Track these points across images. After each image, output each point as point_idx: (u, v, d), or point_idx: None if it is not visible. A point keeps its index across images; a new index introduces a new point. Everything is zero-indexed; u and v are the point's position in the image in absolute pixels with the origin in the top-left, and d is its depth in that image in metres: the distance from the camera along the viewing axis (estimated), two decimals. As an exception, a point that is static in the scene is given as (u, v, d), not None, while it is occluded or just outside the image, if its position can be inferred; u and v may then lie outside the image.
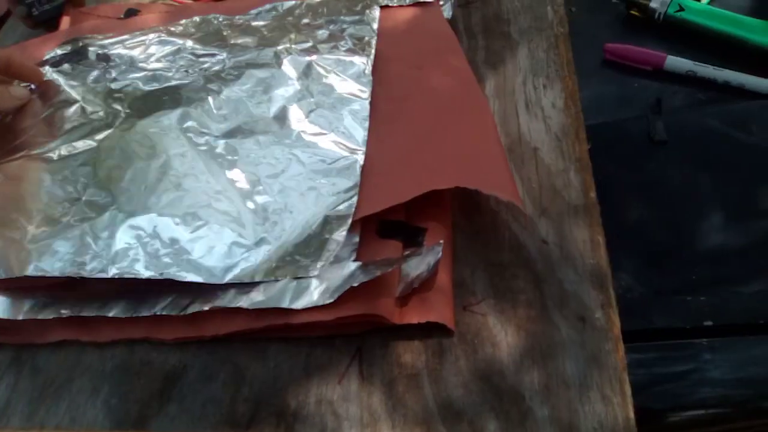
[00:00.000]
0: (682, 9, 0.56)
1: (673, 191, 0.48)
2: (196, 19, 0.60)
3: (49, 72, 0.55)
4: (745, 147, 0.49)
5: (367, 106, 0.48)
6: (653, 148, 0.50)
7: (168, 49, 0.57)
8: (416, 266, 0.39)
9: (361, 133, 0.46)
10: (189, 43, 0.57)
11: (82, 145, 0.48)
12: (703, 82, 0.53)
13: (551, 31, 0.55)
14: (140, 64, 0.55)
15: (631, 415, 0.33)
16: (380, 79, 0.51)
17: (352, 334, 0.38)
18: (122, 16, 0.65)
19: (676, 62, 0.53)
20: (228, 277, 0.40)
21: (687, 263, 0.44)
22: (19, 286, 0.42)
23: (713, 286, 0.43)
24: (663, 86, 0.54)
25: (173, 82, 0.53)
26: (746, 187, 0.48)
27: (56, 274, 0.40)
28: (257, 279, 0.39)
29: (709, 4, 0.57)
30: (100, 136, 0.49)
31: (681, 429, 0.41)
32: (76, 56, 0.58)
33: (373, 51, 0.52)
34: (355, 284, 0.37)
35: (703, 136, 0.50)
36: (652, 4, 0.57)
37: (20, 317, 0.40)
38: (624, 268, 0.45)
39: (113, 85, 0.53)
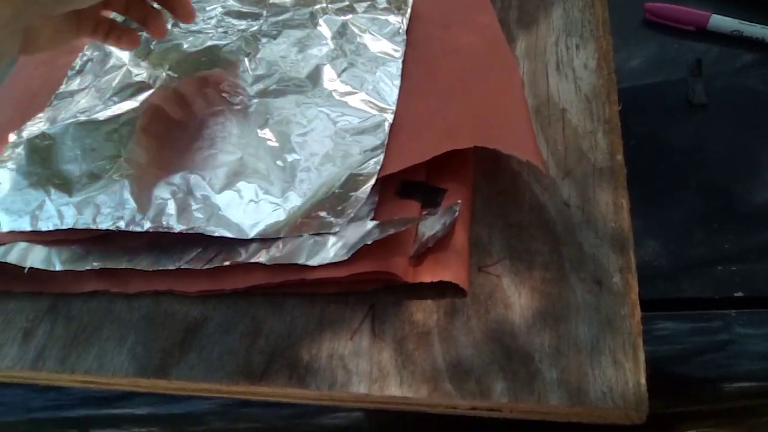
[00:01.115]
0: (731, -36, 0.53)
1: (710, 157, 0.46)
2: None
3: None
4: (792, 111, 0.47)
5: (400, 66, 0.48)
6: (692, 111, 0.48)
7: (208, 9, 0.57)
8: (432, 226, 0.38)
9: (391, 93, 0.46)
10: (229, 2, 0.58)
11: (125, 105, 0.50)
12: (749, 42, 0.50)
13: (588, -11, 0.52)
14: (182, 25, 0.56)
15: (643, 381, 0.32)
16: (411, 39, 0.50)
17: (366, 292, 0.38)
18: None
19: (721, 21, 0.50)
20: (254, 233, 0.41)
21: (720, 232, 0.43)
22: (57, 239, 0.44)
23: (745, 257, 0.41)
24: (707, 47, 0.51)
25: (212, 43, 0.54)
26: (789, 154, 0.45)
27: (97, 227, 0.42)
28: (281, 235, 0.40)
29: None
30: (142, 97, 0.50)
31: (728, 399, 0.39)
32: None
33: (409, 10, 0.52)
34: (369, 242, 0.37)
35: (746, 100, 0.48)
36: (699, -40, 0.54)
37: (57, 268, 0.42)
38: (654, 235, 0.43)
39: (156, 48, 0.55)
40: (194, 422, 0.42)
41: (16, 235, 0.44)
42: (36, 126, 0.51)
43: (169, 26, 0.57)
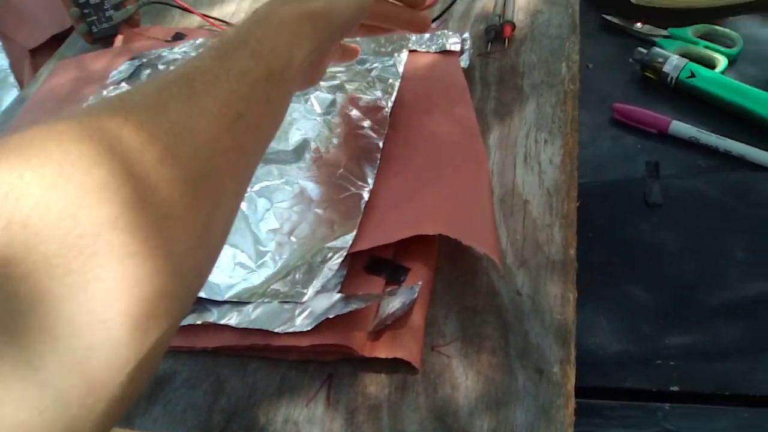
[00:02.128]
0: (693, 75, 0.57)
1: (662, 255, 0.49)
2: None
3: (110, 91, 0.61)
4: (739, 217, 0.50)
5: (380, 147, 0.51)
6: (648, 210, 0.51)
7: None
8: (392, 304, 0.41)
9: (369, 172, 0.50)
10: None
11: None
12: (705, 149, 0.54)
13: (561, 87, 0.57)
14: None
15: (570, 469, 0.34)
16: (393, 122, 0.54)
17: (325, 362, 0.41)
18: (170, 38, 0.70)
19: (680, 127, 0.54)
20: (228, 295, 0.43)
21: (664, 327, 0.46)
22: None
23: (684, 353, 0.44)
24: (666, 149, 0.55)
25: None
26: (735, 258, 0.48)
27: None
28: (253, 300, 0.43)
29: (722, 73, 0.58)
30: None
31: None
32: (132, 77, 0.63)
33: (395, 94, 0.56)
34: (331, 316, 0.40)
35: (698, 203, 0.51)
36: (665, 68, 0.58)
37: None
38: (601, 326, 0.46)
39: None
40: None
41: None
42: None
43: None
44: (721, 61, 0.59)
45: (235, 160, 0.27)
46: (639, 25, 0.65)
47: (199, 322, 0.43)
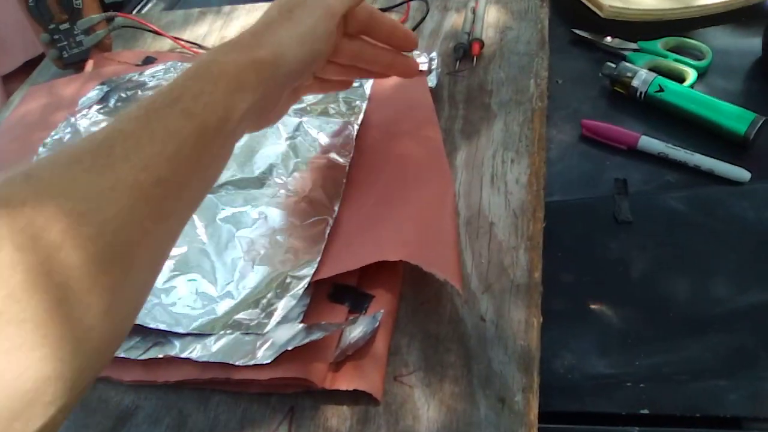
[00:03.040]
0: (662, 89, 0.57)
1: (631, 273, 0.49)
2: None
3: (78, 119, 0.61)
4: (708, 232, 0.50)
5: (345, 172, 0.51)
6: (617, 227, 0.51)
7: None
8: (353, 333, 0.41)
9: (334, 198, 0.49)
10: None
11: None
12: (674, 164, 0.54)
13: (529, 105, 0.56)
14: None
15: (531, 502, 0.34)
16: (359, 145, 0.54)
17: (287, 393, 0.40)
18: (140, 62, 0.70)
19: (649, 143, 0.54)
20: (191, 327, 0.43)
21: (633, 348, 0.45)
22: None
23: (654, 375, 0.43)
24: (635, 165, 0.54)
25: None
26: (706, 275, 0.48)
27: None
28: (215, 331, 0.43)
29: (692, 86, 0.58)
30: None
31: None
32: (100, 103, 0.63)
33: (360, 117, 0.55)
34: (290, 348, 0.39)
35: (668, 219, 0.51)
36: (634, 83, 0.58)
37: None
38: (569, 347, 0.46)
39: None
40: None
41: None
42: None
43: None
44: (691, 74, 0.58)
45: (150, 228, 0.26)
46: (609, 39, 0.65)
47: (161, 356, 0.42)
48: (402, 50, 0.46)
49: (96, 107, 0.63)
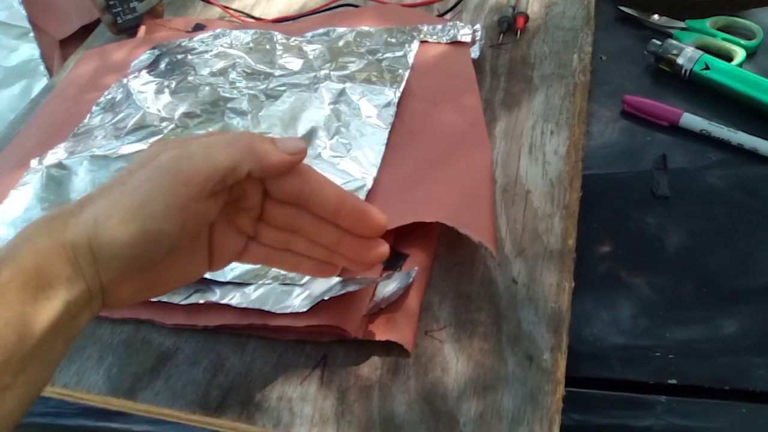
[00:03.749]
0: (708, 67, 0.56)
1: (666, 248, 0.49)
2: (257, 34, 0.66)
3: (130, 80, 0.63)
4: (747, 211, 0.49)
5: (386, 137, 0.52)
6: (655, 202, 0.51)
7: (223, 63, 0.63)
8: (388, 288, 0.42)
9: (374, 160, 0.50)
10: (243, 59, 0.63)
11: (136, 146, 0.55)
12: (716, 142, 0.53)
13: (572, 79, 0.56)
14: (200, 76, 0.62)
15: (554, 454, 0.35)
16: (400, 112, 0.55)
17: (321, 342, 0.42)
18: (190, 29, 0.72)
19: (691, 120, 0.53)
20: (231, 276, 0.45)
21: (664, 320, 0.45)
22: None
23: (684, 347, 0.43)
24: (676, 142, 0.54)
25: (222, 95, 0.59)
26: (740, 253, 0.47)
27: None
28: (254, 281, 0.44)
29: (739, 65, 0.57)
30: (151, 140, 0.55)
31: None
32: (151, 66, 0.65)
33: (403, 84, 0.56)
34: (326, 298, 0.40)
35: (706, 196, 0.50)
36: (680, 60, 0.57)
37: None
38: (601, 317, 0.46)
39: (173, 96, 0.60)
40: None
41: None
42: (55, 155, 0.56)
43: (185, 75, 0.62)
44: (739, 54, 0.58)
45: None
46: (656, 17, 0.64)
47: (201, 302, 0.44)
48: (357, 233, 0.35)
49: (147, 70, 0.65)
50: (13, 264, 0.28)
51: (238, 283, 0.45)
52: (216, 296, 0.44)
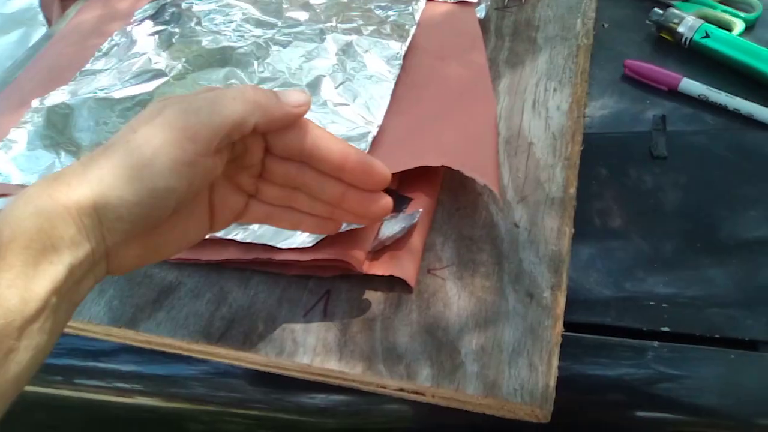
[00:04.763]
0: (708, 36, 0.57)
1: (662, 205, 0.50)
2: None
3: (134, 28, 0.63)
4: (742, 173, 0.50)
5: (392, 87, 0.53)
6: (652, 162, 0.52)
7: (230, 13, 0.63)
8: (392, 227, 0.43)
9: (379, 110, 0.51)
10: (250, 9, 0.63)
11: (140, 88, 0.55)
12: (714, 107, 0.54)
13: (575, 41, 0.57)
14: (204, 24, 0.62)
15: (552, 383, 0.36)
16: (406, 65, 0.55)
17: (324, 278, 0.42)
18: (194, -18, 0.72)
19: (690, 85, 0.55)
20: None
21: (658, 272, 0.46)
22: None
23: (676, 298, 0.45)
24: (674, 106, 0.55)
25: (227, 44, 0.59)
26: (734, 212, 0.49)
27: None
28: None
29: (740, 35, 0.58)
30: (156, 82, 0.56)
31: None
32: (156, 15, 0.65)
33: (409, 39, 0.57)
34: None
35: (703, 158, 0.52)
36: (680, 29, 0.58)
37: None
38: (596, 267, 0.47)
39: (177, 42, 0.60)
40: (176, 385, 0.45)
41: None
42: (58, 96, 0.56)
43: (192, 24, 0.62)
44: (739, 25, 0.59)
45: None
46: (658, -13, 0.65)
47: (206, 236, 0.44)
48: (361, 187, 0.35)
49: (151, 18, 0.65)
50: (14, 225, 0.27)
51: (243, 221, 0.45)
52: (220, 232, 0.44)
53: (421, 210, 0.44)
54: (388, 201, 0.36)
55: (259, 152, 0.34)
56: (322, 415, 0.42)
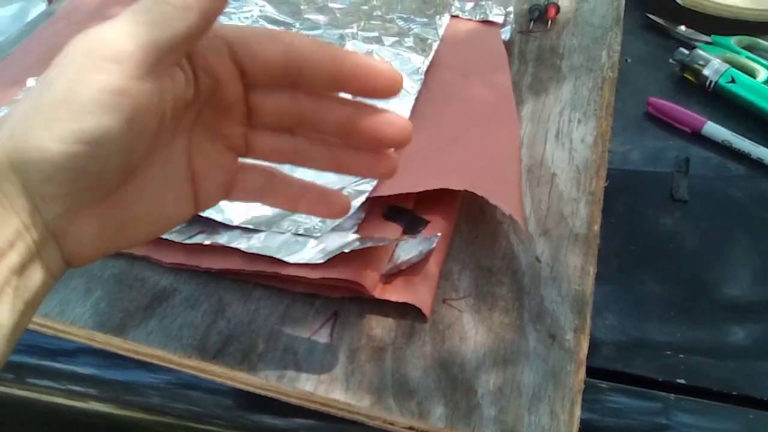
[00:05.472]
0: (733, 81, 0.56)
1: (681, 250, 0.48)
2: None
3: None
4: (763, 224, 0.49)
5: (412, 102, 0.50)
6: (672, 205, 0.50)
7: (245, 8, 0.60)
8: (408, 251, 0.40)
9: None
10: (267, 7, 0.60)
11: None
12: (736, 154, 0.53)
13: (600, 73, 0.56)
14: (220, 17, 0.59)
15: (574, 434, 0.33)
16: (428, 80, 0.53)
17: (332, 298, 0.40)
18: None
19: (714, 129, 0.53)
20: (240, 221, 0.42)
21: (675, 320, 0.44)
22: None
23: (693, 348, 0.43)
24: (697, 149, 0.54)
25: None
26: (752, 263, 0.47)
27: None
28: (265, 228, 0.42)
29: (765, 83, 0.57)
30: None
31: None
32: None
33: (432, 54, 0.55)
34: (347, 250, 0.38)
35: (724, 205, 0.50)
36: (706, 71, 0.57)
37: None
38: (612, 310, 0.45)
39: None
40: (133, 392, 0.42)
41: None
42: (56, 77, 0.52)
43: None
44: (763, 73, 0.58)
45: None
46: (683, 28, 0.64)
47: (207, 243, 0.41)
48: (367, 95, 0.28)
49: None
50: None
51: (249, 229, 0.42)
52: (223, 239, 0.41)
53: (439, 234, 0.41)
54: (406, 124, 0.29)
55: (236, 85, 0.27)
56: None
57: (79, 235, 0.25)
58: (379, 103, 0.49)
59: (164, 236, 0.42)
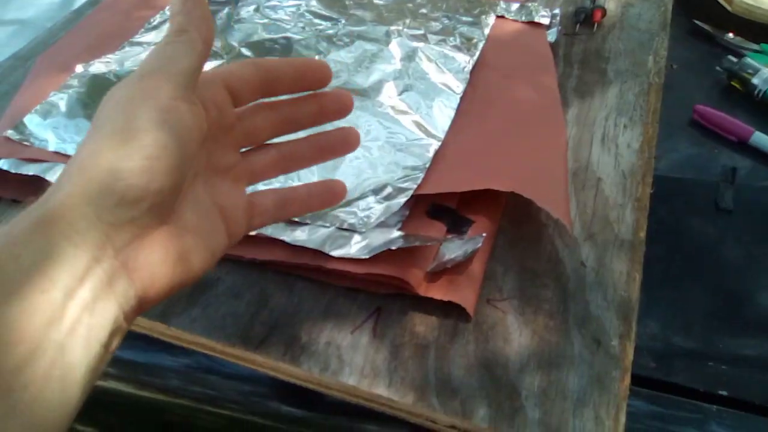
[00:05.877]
0: (783, 91, 0.56)
1: (725, 260, 0.48)
2: None
3: None
4: (810, 238, 0.49)
5: (458, 101, 0.50)
6: (717, 214, 0.50)
7: (292, 2, 0.60)
8: (454, 250, 0.40)
9: (443, 122, 0.48)
10: (312, 2, 0.60)
11: None
12: (784, 165, 0.52)
13: (646, 79, 0.55)
14: (265, 11, 0.59)
15: (620, 441, 0.33)
16: (473, 80, 0.53)
17: (375, 294, 0.40)
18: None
19: (762, 139, 0.53)
20: None
21: (718, 331, 0.44)
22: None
23: (736, 360, 0.42)
24: (743, 159, 0.53)
25: (288, 34, 0.56)
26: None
27: None
28: (310, 221, 0.42)
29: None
30: (211, 64, 0.53)
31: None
32: None
33: (478, 53, 0.55)
34: (393, 248, 0.38)
35: (769, 216, 0.50)
36: (754, 80, 0.57)
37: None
38: (655, 317, 0.44)
39: (236, 25, 0.58)
40: (152, 373, 0.43)
41: (60, 157, 0.46)
42: (104, 64, 0.53)
43: (251, 9, 0.60)
44: (811, 84, 0.57)
45: None
46: (730, 35, 0.63)
47: (252, 233, 0.41)
48: (316, 86, 0.33)
49: None
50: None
51: (293, 221, 0.42)
52: (267, 231, 0.42)
53: (484, 234, 0.41)
54: (347, 96, 0.34)
55: (230, 108, 0.31)
56: (298, 425, 0.40)
57: (146, 264, 0.26)
58: (425, 100, 0.49)
59: (209, 225, 0.42)
